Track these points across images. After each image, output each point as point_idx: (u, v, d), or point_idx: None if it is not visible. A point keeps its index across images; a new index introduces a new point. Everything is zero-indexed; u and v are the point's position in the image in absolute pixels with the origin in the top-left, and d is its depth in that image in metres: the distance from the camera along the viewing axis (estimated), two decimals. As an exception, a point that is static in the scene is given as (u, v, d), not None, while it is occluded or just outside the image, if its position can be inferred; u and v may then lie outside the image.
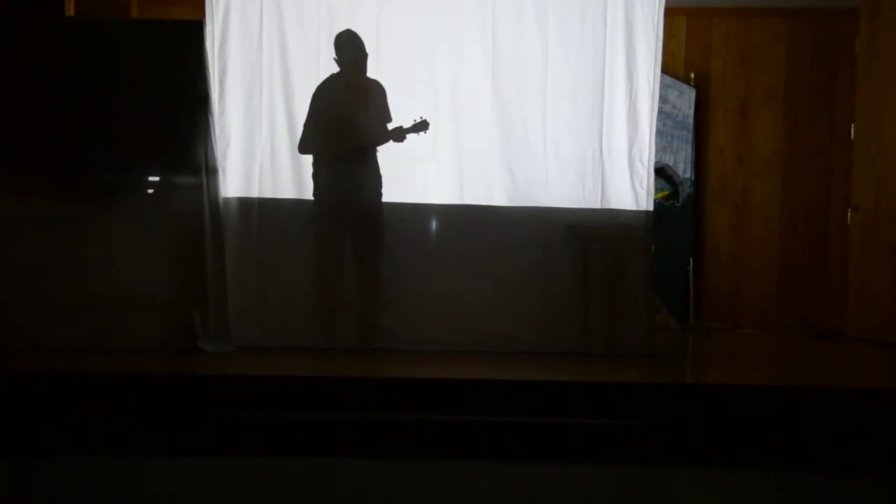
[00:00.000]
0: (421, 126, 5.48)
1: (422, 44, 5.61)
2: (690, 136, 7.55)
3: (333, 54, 5.51)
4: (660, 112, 5.82)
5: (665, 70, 6.65)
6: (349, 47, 5.51)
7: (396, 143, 5.51)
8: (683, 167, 7.52)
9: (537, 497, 3.64)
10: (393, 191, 5.57)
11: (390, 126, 5.54)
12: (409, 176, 5.60)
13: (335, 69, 5.54)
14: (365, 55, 5.52)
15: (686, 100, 7.53)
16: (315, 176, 5.54)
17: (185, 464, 3.88)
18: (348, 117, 5.53)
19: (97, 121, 5.24)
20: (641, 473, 3.89)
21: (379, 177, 5.56)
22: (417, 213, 5.60)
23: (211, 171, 5.25)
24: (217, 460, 3.90)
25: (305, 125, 5.54)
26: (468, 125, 5.61)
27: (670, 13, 5.95)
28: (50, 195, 5.28)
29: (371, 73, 5.57)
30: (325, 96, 5.54)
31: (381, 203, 5.56)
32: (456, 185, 5.62)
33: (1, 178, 5.27)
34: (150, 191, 5.47)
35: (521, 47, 5.61)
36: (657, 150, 6.04)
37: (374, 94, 5.56)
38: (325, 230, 5.58)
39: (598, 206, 5.58)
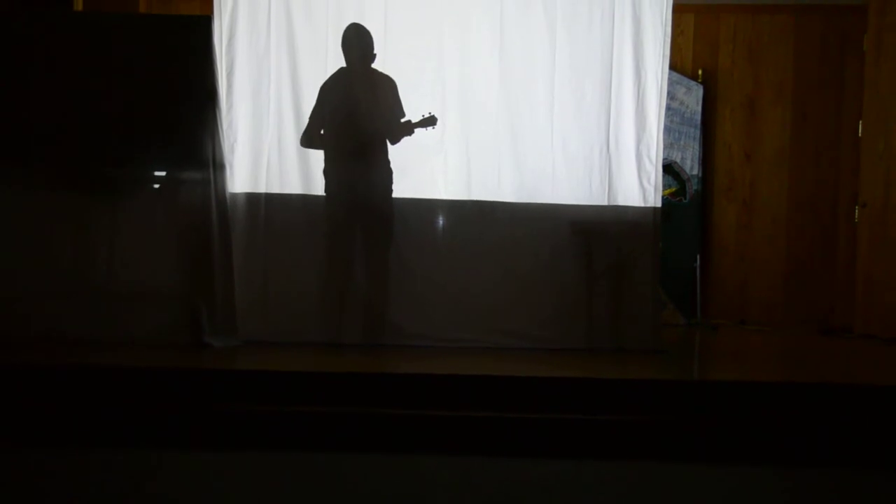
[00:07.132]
0: (429, 121, 5.48)
1: (429, 38, 5.60)
2: (698, 133, 7.53)
3: (341, 48, 5.49)
4: (667, 108, 5.82)
5: (673, 66, 6.63)
6: (356, 42, 5.49)
7: (404, 137, 5.52)
8: (691, 164, 7.51)
9: (543, 493, 3.64)
10: (400, 185, 5.56)
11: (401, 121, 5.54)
12: (416, 170, 5.59)
13: (343, 63, 5.53)
14: (370, 48, 5.48)
15: (694, 96, 7.52)
16: (326, 172, 5.53)
17: (192, 458, 3.89)
18: (358, 113, 5.52)
19: (105, 115, 5.26)
20: (648, 469, 3.89)
21: (390, 172, 5.54)
22: (425, 208, 5.60)
23: (218, 167, 5.26)
24: (223, 455, 3.92)
25: (311, 118, 5.53)
26: (475, 120, 5.61)
27: (678, 10, 5.94)
28: (58, 189, 5.30)
29: (378, 66, 5.55)
30: (333, 91, 5.52)
31: (392, 198, 5.55)
32: (463, 179, 5.62)
33: (9, 171, 5.29)
34: (158, 186, 5.48)
35: (528, 42, 5.60)
36: (664, 147, 6.03)
37: (385, 89, 5.54)
38: (336, 226, 5.57)
39: (605, 202, 5.58)
